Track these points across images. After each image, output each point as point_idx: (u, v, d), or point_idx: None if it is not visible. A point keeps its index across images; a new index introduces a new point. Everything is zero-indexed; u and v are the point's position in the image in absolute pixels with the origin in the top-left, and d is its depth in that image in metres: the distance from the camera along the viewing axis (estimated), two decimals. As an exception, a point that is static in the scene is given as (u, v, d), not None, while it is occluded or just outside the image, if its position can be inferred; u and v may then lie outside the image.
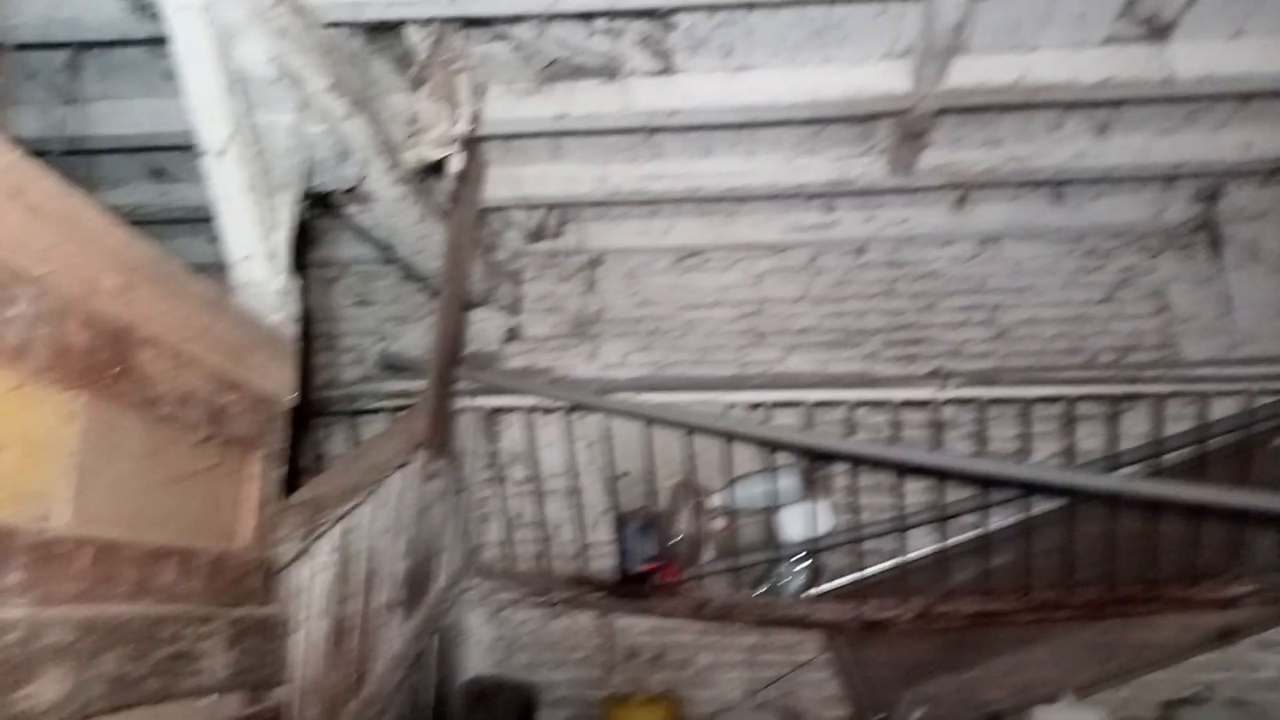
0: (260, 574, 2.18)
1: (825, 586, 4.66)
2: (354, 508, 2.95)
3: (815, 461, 4.70)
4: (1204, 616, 4.46)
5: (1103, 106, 3.97)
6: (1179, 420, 4.51)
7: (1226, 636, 4.50)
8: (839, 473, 4.80)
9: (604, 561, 4.81)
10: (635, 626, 4.84)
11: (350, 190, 3.20)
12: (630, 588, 4.67)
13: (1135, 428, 4.55)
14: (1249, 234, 4.90)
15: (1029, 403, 4.34)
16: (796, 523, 4.62)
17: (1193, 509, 4.21)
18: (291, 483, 2.44)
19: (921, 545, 4.65)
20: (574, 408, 4.64)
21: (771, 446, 4.64)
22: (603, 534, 4.85)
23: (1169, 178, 4.65)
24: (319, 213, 3.51)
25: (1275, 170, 4.46)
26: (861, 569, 4.58)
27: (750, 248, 5.20)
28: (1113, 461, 4.45)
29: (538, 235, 5.14)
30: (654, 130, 3.99)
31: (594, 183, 4.40)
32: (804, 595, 4.64)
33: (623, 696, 4.60)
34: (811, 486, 4.67)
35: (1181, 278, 5.00)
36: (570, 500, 4.81)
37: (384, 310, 5.41)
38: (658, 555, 4.68)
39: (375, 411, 4.74)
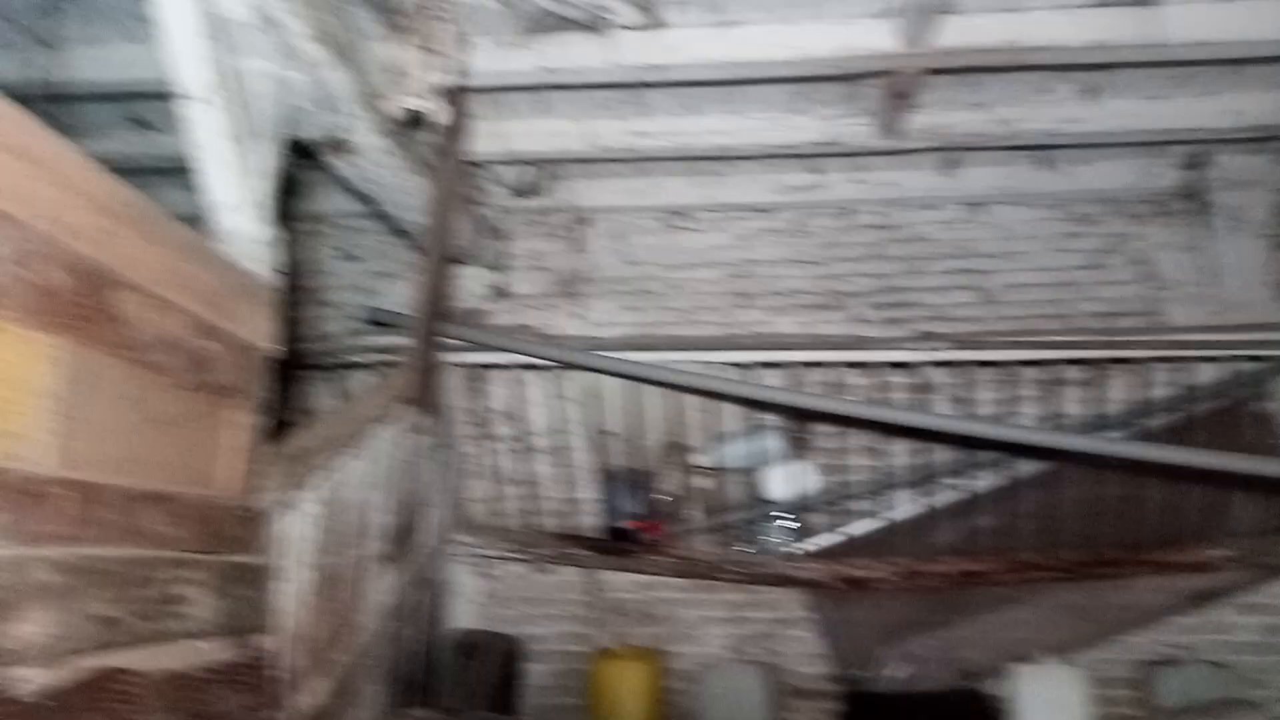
0: (245, 522, 2.18)
1: (810, 545, 4.70)
2: (340, 461, 2.96)
3: (801, 422, 4.72)
4: (1183, 579, 4.50)
5: (1093, 70, 3.94)
6: (1164, 386, 4.54)
7: (1205, 599, 4.56)
8: (825, 433, 4.83)
9: (590, 518, 4.84)
10: (621, 582, 4.88)
11: (334, 142, 3.18)
12: (616, 544, 4.70)
13: (1120, 393, 4.58)
14: (1236, 201, 4.90)
15: (1014, 366, 4.34)
16: (782, 482, 4.65)
17: (1176, 473, 4.24)
18: (278, 436, 2.44)
19: (906, 506, 4.69)
20: (561, 366, 4.64)
21: (758, 406, 4.65)
22: (589, 491, 4.87)
23: (1158, 144, 4.63)
24: (303, 165, 3.49)
25: (1265, 138, 4.43)
26: (846, 529, 4.61)
27: (738, 208, 5.18)
28: (1097, 426, 4.47)
29: (525, 192, 5.10)
30: (642, 86, 3.96)
31: (582, 139, 4.37)
32: (788, 554, 4.67)
33: (609, 651, 4.64)
34: (797, 446, 4.69)
35: (1169, 244, 5.00)
36: (557, 457, 4.82)
37: (369, 265, 5.39)
38: (644, 513, 4.71)
39: (361, 366, 4.74)
